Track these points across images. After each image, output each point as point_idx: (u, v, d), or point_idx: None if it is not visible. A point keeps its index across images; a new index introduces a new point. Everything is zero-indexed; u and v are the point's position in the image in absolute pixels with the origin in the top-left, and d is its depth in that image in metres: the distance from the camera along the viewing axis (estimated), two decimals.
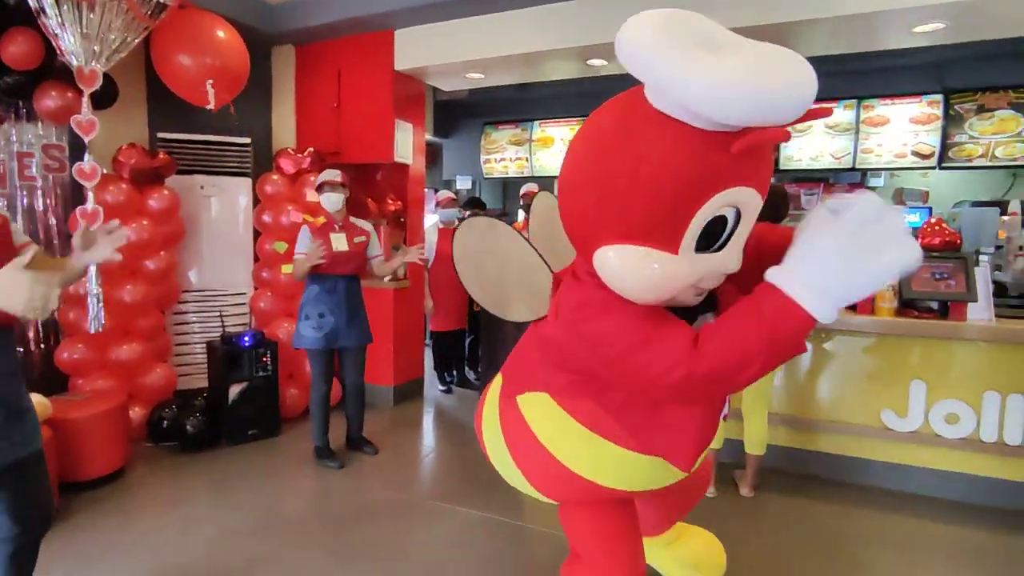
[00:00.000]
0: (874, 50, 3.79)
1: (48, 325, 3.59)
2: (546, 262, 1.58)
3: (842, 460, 3.18)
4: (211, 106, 3.51)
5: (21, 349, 3.46)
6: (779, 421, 3.21)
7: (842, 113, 5.15)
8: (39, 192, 3.58)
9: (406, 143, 4.39)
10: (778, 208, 2.87)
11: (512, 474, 1.60)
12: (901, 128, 5.03)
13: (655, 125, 1.04)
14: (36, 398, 2.71)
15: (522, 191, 5.30)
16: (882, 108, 5.07)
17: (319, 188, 3.34)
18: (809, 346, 3.22)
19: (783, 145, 5.36)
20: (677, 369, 1.10)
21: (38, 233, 3.56)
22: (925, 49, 3.71)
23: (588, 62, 4.08)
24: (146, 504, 2.89)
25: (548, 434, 1.42)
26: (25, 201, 3.51)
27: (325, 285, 3.29)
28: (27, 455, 1.63)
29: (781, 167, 5.43)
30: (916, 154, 5.01)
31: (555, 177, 6.98)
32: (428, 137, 5.08)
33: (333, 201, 3.29)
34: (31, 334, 3.54)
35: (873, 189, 5.82)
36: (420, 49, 4.12)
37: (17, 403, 1.64)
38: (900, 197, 5.62)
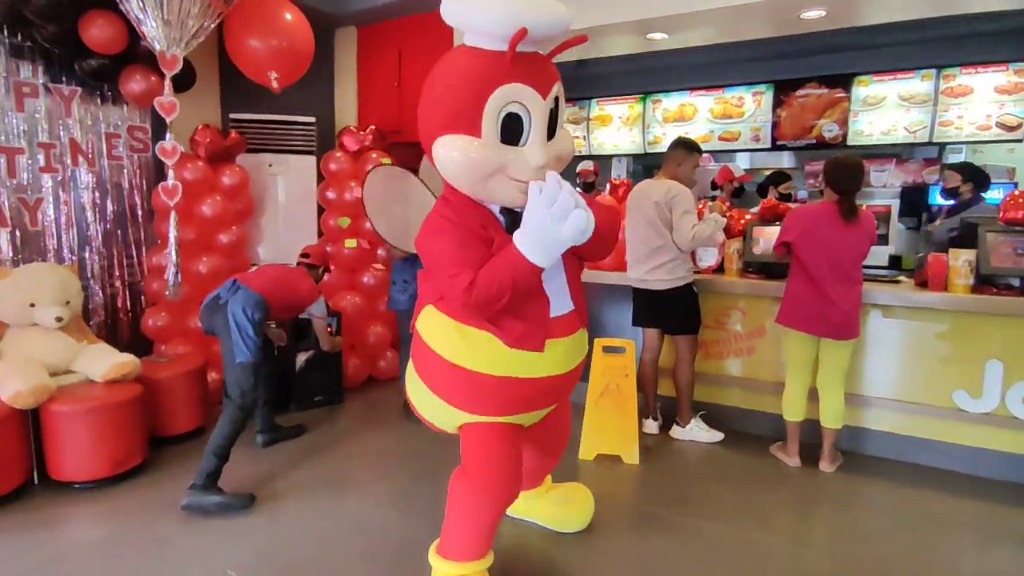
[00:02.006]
0: (956, 14, 3.57)
1: (135, 295, 3.87)
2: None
3: (911, 441, 3.07)
4: (275, 86, 3.68)
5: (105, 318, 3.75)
6: (848, 401, 3.13)
7: (919, 84, 4.86)
8: (125, 171, 3.84)
9: None
10: (854, 178, 2.79)
11: (423, 398, 1.90)
12: (985, 98, 4.71)
13: (460, 52, 1.63)
14: (128, 357, 2.97)
15: (578, 169, 5.30)
16: (964, 77, 4.75)
17: None
18: (879, 324, 3.11)
19: (851, 119, 5.12)
20: (460, 300, 1.60)
21: (124, 209, 3.82)
22: (1015, 12, 3.46)
23: (647, 36, 4.02)
24: None
25: (434, 337, 1.79)
26: (113, 179, 3.77)
27: (408, 257, 3.56)
28: None
29: (850, 142, 5.19)
30: (1001, 126, 4.68)
31: (612, 156, 6.89)
32: None
33: None
34: (119, 303, 3.83)
35: (951, 166, 5.49)
36: None
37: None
38: None
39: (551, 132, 1.69)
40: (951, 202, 3.99)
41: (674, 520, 2.53)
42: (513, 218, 1.71)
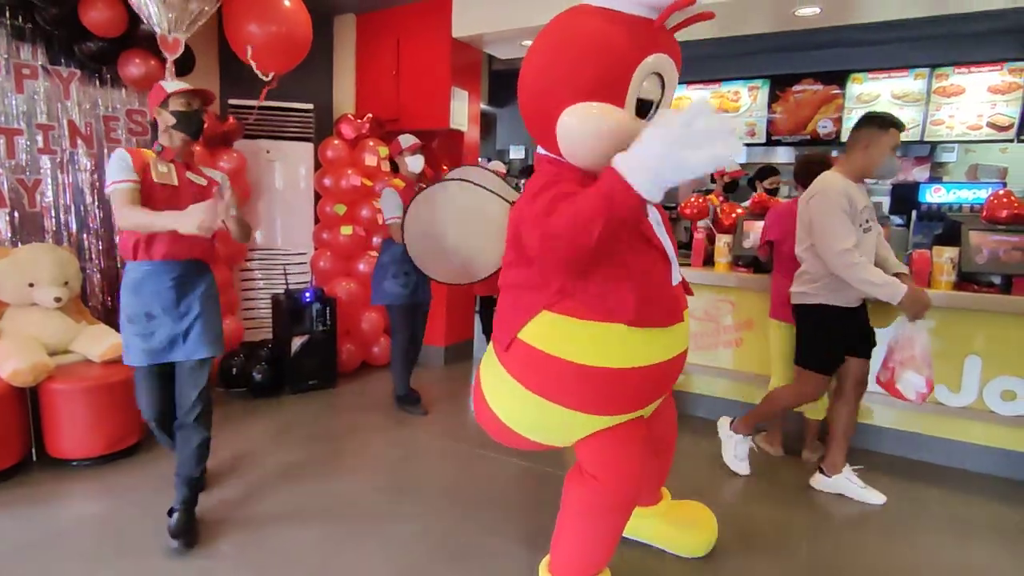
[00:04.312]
0: (951, 14, 3.61)
1: None
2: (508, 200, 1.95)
3: (891, 433, 3.15)
4: (269, 77, 3.69)
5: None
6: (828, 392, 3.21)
7: (912, 82, 4.92)
8: None
9: (461, 110, 4.48)
10: (818, 175, 2.86)
11: (533, 415, 1.67)
12: (977, 98, 4.77)
13: (594, 13, 1.41)
14: None
15: None
16: (957, 77, 4.81)
17: (401, 153, 3.54)
18: None
19: (846, 116, 5.17)
20: (535, 232, 1.42)
21: None
22: (1010, 12, 3.50)
23: None
24: (221, 439, 3.12)
25: (555, 343, 1.56)
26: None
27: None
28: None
29: (843, 139, 5.24)
30: (992, 125, 4.74)
31: None
32: (483, 106, 5.15)
33: (418, 163, 3.52)
34: (117, 285, 3.86)
35: (944, 164, 5.56)
36: (477, 16, 4.17)
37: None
38: (974, 173, 5.34)
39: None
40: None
41: None
42: None
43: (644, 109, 1.46)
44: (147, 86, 3.53)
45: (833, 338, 2.60)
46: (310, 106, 4.34)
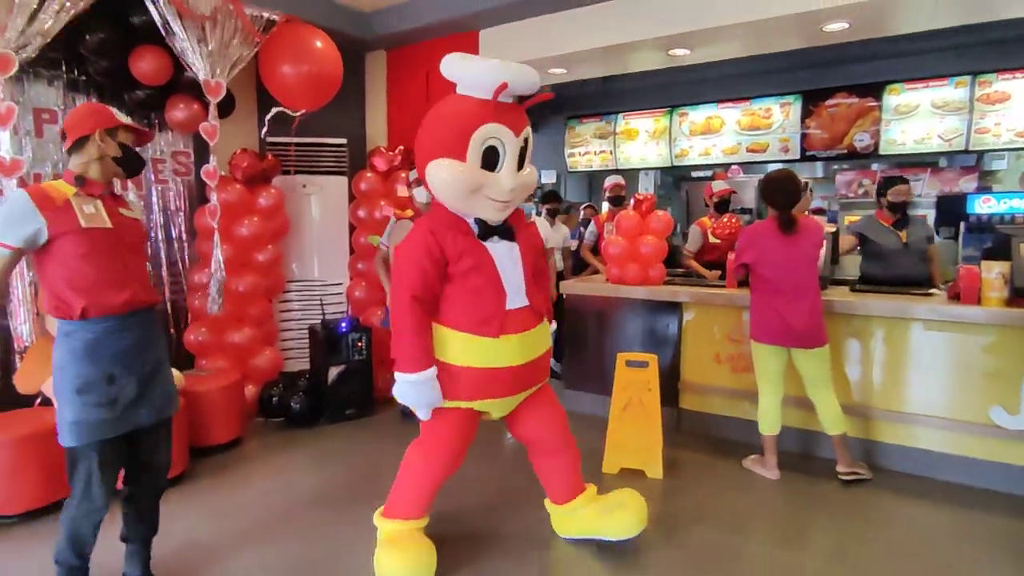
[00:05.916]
0: (991, 20, 3.51)
1: (179, 312, 4.06)
2: None
3: (945, 458, 2.99)
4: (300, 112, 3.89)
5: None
6: (880, 416, 3.10)
7: (953, 91, 4.76)
8: (170, 193, 4.05)
9: None
10: (785, 192, 2.87)
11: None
12: None
13: (454, 98, 2.04)
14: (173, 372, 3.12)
15: (606, 183, 5.33)
16: (1002, 83, 4.64)
17: (411, 184, 3.63)
18: (912, 338, 3.06)
19: (883, 128, 5.03)
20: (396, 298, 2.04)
21: (170, 229, 4.03)
22: None
23: (670, 52, 4.06)
24: (260, 470, 3.23)
25: (439, 347, 2.07)
26: (160, 201, 3.99)
27: None
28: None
29: (882, 151, 5.10)
30: None
31: (639, 169, 6.87)
32: None
33: (423, 195, 3.63)
34: (165, 319, 4.02)
35: (994, 172, 5.34)
36: (504, 47, 4.26)
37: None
38: None
39: (520, 165, 2.07)
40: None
41: (697, 535, 2.53)
42: (484, 227, 2.07)
43: (492, 163, 1.97)
44: (190, 129, 3.72)
45: None
46: (343, 140, 4.49)
